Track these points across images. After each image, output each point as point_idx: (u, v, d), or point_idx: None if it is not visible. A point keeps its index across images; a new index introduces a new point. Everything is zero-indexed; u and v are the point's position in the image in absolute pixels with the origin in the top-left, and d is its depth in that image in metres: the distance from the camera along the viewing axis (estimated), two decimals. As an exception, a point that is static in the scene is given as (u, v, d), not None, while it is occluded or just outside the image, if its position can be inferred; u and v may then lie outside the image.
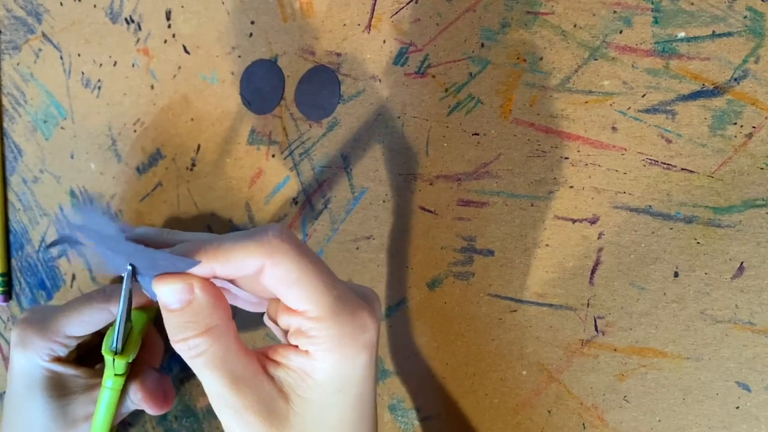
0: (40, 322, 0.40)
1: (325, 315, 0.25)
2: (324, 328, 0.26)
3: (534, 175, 0.36)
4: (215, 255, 0.25)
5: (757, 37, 0.31)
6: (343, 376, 0.26)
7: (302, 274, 0.25)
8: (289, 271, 0.25)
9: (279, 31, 0.42)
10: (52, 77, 0.52)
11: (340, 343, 0.26)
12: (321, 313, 0.25)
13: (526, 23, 0.35)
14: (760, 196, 0.31)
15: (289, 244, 0.25)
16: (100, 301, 0.40)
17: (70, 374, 0.40)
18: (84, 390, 0.40)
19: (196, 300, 0.26)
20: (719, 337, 0.32)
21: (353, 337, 0.26)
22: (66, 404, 0.39)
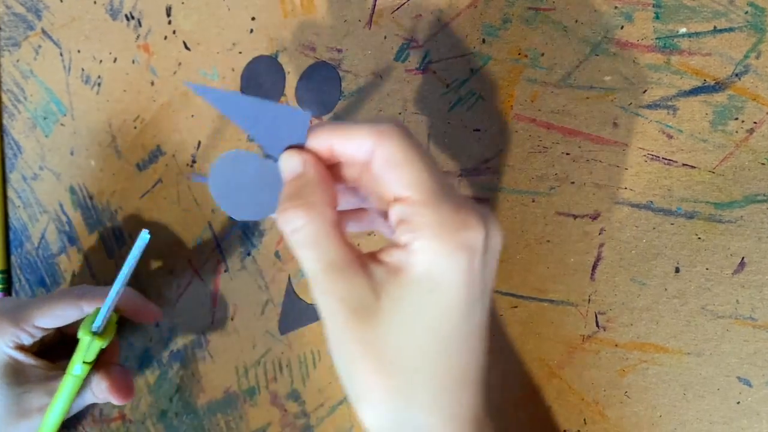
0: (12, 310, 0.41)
1: (427, 200, 0.25)
2: (424, 213, 0.25)
3: (535, 170, 0.36)
4: (333, 129, 0.27)
5: (758, 33, 0.31)
6: (436, 275, 0.25)
7: (407, 156, 0.25)
8: (395, 153, 0.25)
9: (280, 27, 0.42)
10: (51, 74, 0.52)
11: (438, 231, 0.24)
12: (423, 197, 0.25)
13: (527, 19, 0.35)
14: (761, 191, 0.31)
15: (399, 129, 0.26)
16: (72, 297, 0.41)
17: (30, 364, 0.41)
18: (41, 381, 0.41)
19: (305, 174, 0.27)
20: (720, 332, 0.32)
21: (453, 230, 0.24)
22: (22, 393, 0.40)
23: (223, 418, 0.48)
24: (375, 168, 0.26)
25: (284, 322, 0.45)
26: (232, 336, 0.47)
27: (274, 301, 0.44)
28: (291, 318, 0.44)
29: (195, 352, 0.48)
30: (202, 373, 0.48)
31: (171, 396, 0.50)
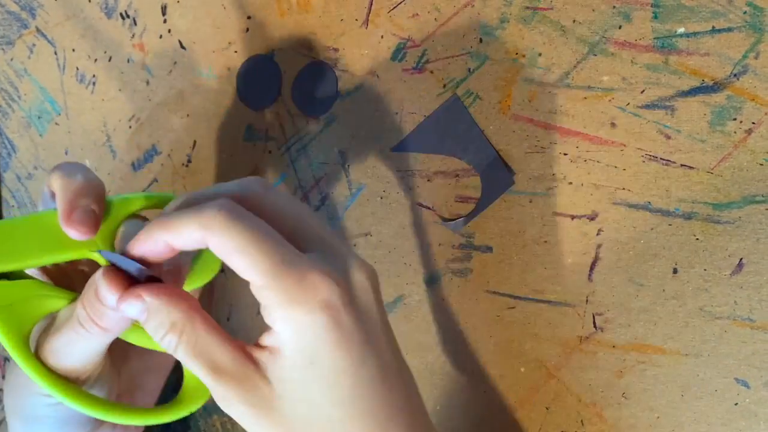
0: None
1: (269, 281, 0.25)
2: (270, 295, 0.25)
3: (532, 171, 0.36)
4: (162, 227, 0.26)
5: (756, 33, 0.31)
6: (308, 346, 0.25)
7: (236, 244, 0.25)
8: (223, 244, 0.25)
9: (276, 27, 0.42)
10: (46, 73, 0.52)
11: (289, 306, 0.25)
12: (264, 280, 0.25)
13: (524, 18, 0.35)
14: (759, 192, 0.31)
15: (224, 215, 0.25)
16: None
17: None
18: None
19: (150, 305, 0.27)
20: (718, 333, 0.32)
21: (302, 300, 0.25)
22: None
23: (218, 420, 0.47)
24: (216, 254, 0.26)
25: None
26: (228, 337, 0.47)
27: (271, 301, 0.44)
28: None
29: (191, 352, 0.48)
30: (197, 374, 0.47)
31: (167, 397, 0.50)
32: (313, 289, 0.25)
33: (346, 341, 0.25)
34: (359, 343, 0.26)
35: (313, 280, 0.25)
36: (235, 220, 0.25)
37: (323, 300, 0.25)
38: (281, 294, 0.25)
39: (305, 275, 0.25)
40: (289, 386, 0.26)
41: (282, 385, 0.26)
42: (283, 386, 0.26)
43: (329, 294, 0.25)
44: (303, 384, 0.25)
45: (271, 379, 0.26)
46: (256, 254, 0.25)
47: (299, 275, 0.25)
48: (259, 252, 0.25)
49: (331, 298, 0.25)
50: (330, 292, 0.25)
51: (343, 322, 0.25)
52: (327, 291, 0.25)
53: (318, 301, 0.25)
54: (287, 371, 0.25)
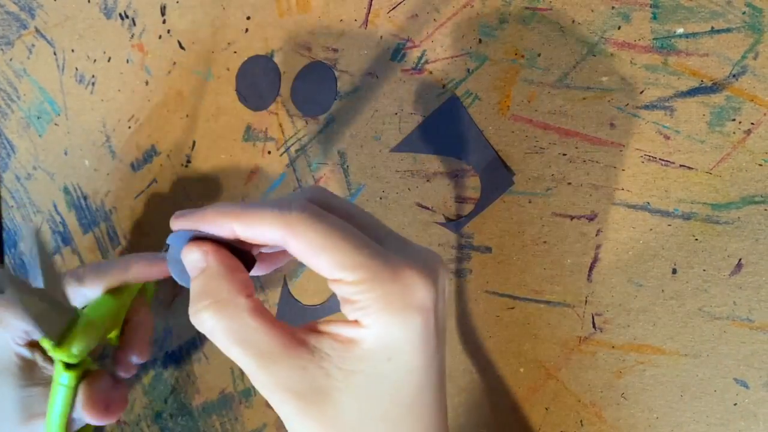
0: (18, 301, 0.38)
1: (363, 277, 0.24)
2: (365, 291, 0.24)
3: (532, 171, 0.36)
4: (235, 215, 0.25)
5: (755, 33, 0.31)
6: (392, 343, 0.24)
7: (326, 242, 0.24)
8: (311, 241, 0.24)
9: (275, 27, 0.42)
10: (45, 73, 0.52)
11: (386, 304, 0.24)
12: (358, 277, 0.24)
13: (524, 19, 0.35)
14: (758, 192, 0.31)
15: (309, 214, 0.25)
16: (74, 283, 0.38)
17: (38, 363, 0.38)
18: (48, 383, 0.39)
19: (209, 268, 0.26)
20: (717, 333, 0.32)
21: (400, 297, 0.24)
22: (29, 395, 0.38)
23: (218, 420, 0.47)
24: (294, 253, 0.25)
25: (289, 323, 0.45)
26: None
27: (270, 301, 0.44)
28: (287, 319, 0.44)
29: (190, 353, 0.48)
30: (197, 375, 0.47)
31: (166, 397, 0.50)
32: (410, 289, 0.24)
33: (427, 343, 0.25)
34: (435, 345, 0.25)
35: (410, 278, 0.24)
36: (320, 219, 0.25)
37: (420, 301, 0.24)
38: (377, 291, 0.24)
39: (399, 271, 0.24)
40: (354, 379, 0.24)
41: (346, 377, 0.24)
42: (347, 378, 0.24)
43: (424, 295, 0.24)
44: (371, 378, 0.24)
45: (332, 370, 0.24)
46: (347, 250, 0.24)
47: (394, 270, 0.24)
48: (350, 247, 0.24)
49: (426, 300, 0.25)
50: (425, 293, 0.24)
51: (431, 324, 0.25)
52: (423, 292, 0.24)
53: (414, 301, 0.24)
54: (359, 363, 0.24)
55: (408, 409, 0.25)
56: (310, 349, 0.25)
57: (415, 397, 0.25)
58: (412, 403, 0.25)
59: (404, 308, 0.24)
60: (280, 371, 0.24)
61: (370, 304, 0.24)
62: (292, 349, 0.25)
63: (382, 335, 0.24)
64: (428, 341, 0.25)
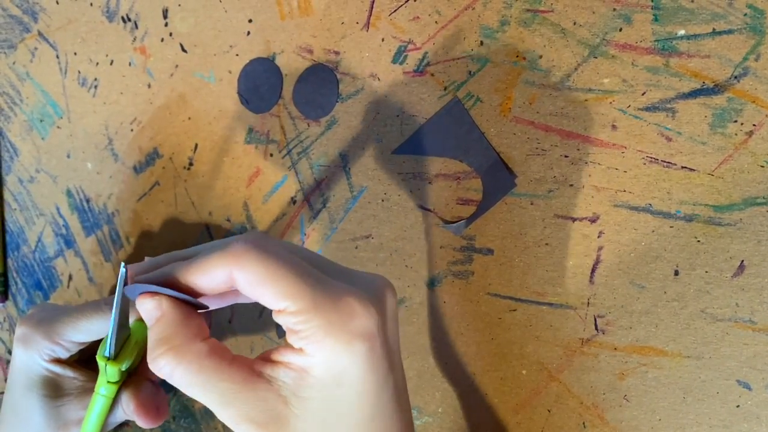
0: (46, 322, 0.40)
1: (305, 307, 0.25)
2: (307, 320, 0.25)
3: (533, 173, 0.36)
4: (189, 274, 0.27)
5: (757, 35, 0.31)
6: (340, 370, 0.25)
7: (270, 272, 0.25)
8: (255, 273, 0.25)
9: (277, 30, 0.42)
10: (48, 76, 0.52)
11: (327, 332, 0.24)
12: (300, 306, 0.25)
13: (525, 21, 0.35)
14: (760, 194, 0.31)
15: (253, 246, 0.25)
16: (107, 310, 0.40)
17: (67, 376, 0.40)
18: (79, 393, 0.40)
19: (164, 316, 0.27)
20: (720, 335, 0.32)
21: (341, 324, 0.25)
22: (60, 405, 0.40)
23: (220, 423, 0.47)
24: (242, 290, 0.26)
25: (282, 325, 0.45)
26: (230, 339, 0.47)
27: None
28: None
29: (192, 355, 0.48)
30: (199, 377, 0.47)
31: (168, 400, 0.50)
32: (351, 316, 0.25)
33: (375, 366, 0.25)
34: (386, 367, 0.26)
35: (350, 306, 0.25)
36: (263, 251, 0.25)
37: (361, 327, 0.25)
38: (318, 318, 0.25)
39: (341, 300, 0.25)
40: (310, 405, 0.25)
41: (302, 404, 0.25)
42: (303, 405, 0.25)
43: (367, 321, 0.25)
44: (326, 403, 0.25)
45: (289, 397, 0.25)
46: (290, 280, 0.25)
47: (335, 299, 0.25)
48: (293, 278, 0.25)
49: (368, 326, 0.25)
50: (368, 320, 0.25)
51: (377, 348, 0.25)
52: (365, 318, 0.25)
53: (356, 327, 0.25)
54: (312, 390, 0.25)
55: (367, 428, 0.26)
56: (267, 380, 0.26)
57: (372, 417, 0.26)
58: (371, 423, 0.26)
59: (346, 335, 0.25)
60: (242, 405, 0.25)
61: (313, 333, 0.25)
62: (251, 382, 0.25)
63: (329, 363, 0.25)
64: (376, 365, 0.25)
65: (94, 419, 0.37)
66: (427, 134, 0.38)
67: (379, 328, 0.26)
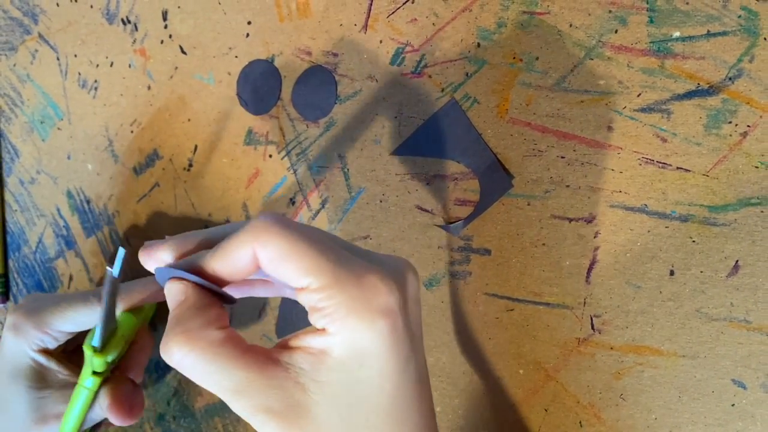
0: (36, 312, 0.40)
1: (328, 283, 0.24)
2: (329, 296, 0.24)
3: (530, 174, 0.36)
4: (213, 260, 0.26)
5: (751, 37, 0.31)
6: (361, 349, 0.24)
7: (292, 247, 0.24)
8: (278, 248, 0.25)
9: (275, 32, 0.42)
10: (48, 78, 0.52)
11: (350, 309, 0.24)
12: (322, 282, 0.24)
13: (522, 23, 0.35)
14: (755, 194, 0.31)
15: (274, 222, 0.25)
16: (95, 302, 0.40)
17: (52, 368, 0.40)
18: (61, 387, 0.41)
19: (186, 301, 0.26)
20: (715, 335, 0.33)
21: (364, 301, 0.24)
22: (42, 397, 0.40)
23: (220, 422, 0.48)
24: (265, 268, 0.25)
25: (281, 325, 0.45)
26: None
27: (271, 304, 0.45)
28: (288, 321, 0.44)
29: (192, 355, 0.48)
30: (199, 377, 0.48)
31: (168, 399, 0.50)
32: (374, 293, 0.24)
33: (397, 346, 0.25)
34: (407, 348, 0.25)
35: (373, 282, 0.25)
36: (285, 226, 0.25)
37: (384, 304, 0.24)
38: (341, 296, 0.24)
39: (363, 277, 0.25)
40: (330, 389, 0.25)
41: (322, 389, 0.25)
42: (322, 389, 0.25)
43: (389, 298, 0.25)
44: (347, 386, 0.25)
45: (307, 384, 0.25)
46: (313, 255, 0.24)
47: (358, 276, 0.24)
48: (315, 253, 0.24)
49: (390, 303, 0.25)
50: (390, 297, 0.25)
51: (399, 328, 0.25)
52: (387, 295, 0.25)
53: (379, 305, 0.24)
54: (332, 373, 0.25)
55: (388, 413, 0.25)
56: (284, 367, 0.25)
57: (394, 401, 0.25)
58: (392, 408, 0.25)
59: (368, 312, 0.24)
60: (257, 394, 0.24)
61: (335, 310, 0.24)
62: (267, 370, 0.25)
63: (350, 342, 0.24)
64: (398, 344, 0.25)
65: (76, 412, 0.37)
66: (425, 135, 0.38)
67: (401, 308, 0.25)
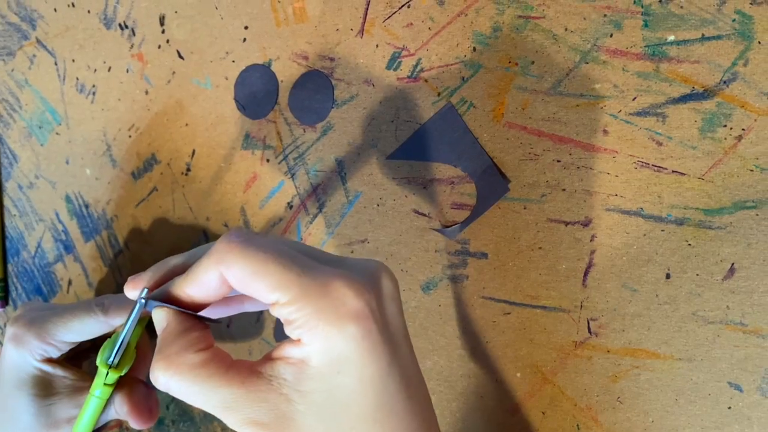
0: (38, 322, 0.40)
1: (295, 296, 0.24)
2: (298, 308, 0.24)
3: (526, 178, 0.36)
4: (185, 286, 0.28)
5: (745, 40, 0.31)
6: (337, 356, 0.24)
7: (257, 266, 0.25)
8: (243, 269, 0.25)
9: (272, 36, 0.42)
10: (46, 83, 0.52)
11: (319, 318, 0.24)
12: (290, 296, 0.25)
13: (517, 27, 0.35)
14: (750, 197, 0.31)
15: (236, 243, 0.25)
16: (99, 313, 0.40)
17: (58, 375, 0.41)
18: (69, 392, 0.41)
19: (166, 328, 0.28)
20: (711, 338, 0.33)
21: (332, 308, 0.24)
22: (50, 404, 0.40)
23: (219, 426, 0.48)
24: (236, 287, 0.26)
25: (280, 329, 0.45)
26: (228, 343, 0.47)
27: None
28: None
29: (191, 359, 0.48)
30: (198, 381, 0.48)
31: (168, 404, 0.50)
32: (341, 298, 0.25)
33: (375, 350, 0.25)
34: (386, 352, 0.25)
35: (339, 289, 0.25)
36: (249, 245, 0.25)
37: (352, 309, 0.24)
38: (309, 305, 0.24)
39: (329, 283, 0.25)
40: (312, 398, 0.25)
41: (304, 398, 0.25)
42: (305, 399, 0.25)
43: (356, 303, 0.25)
44: (328, 395, 0.25)
45: (291, 394, 0.25)
46: (276, 270, 0.25)
47: (322, 284, 0.25)
48: (279, 267, 0.25)
49: (358, 307, 0.25)
50: (357, 301, 0.25)
51: (373, 331, 0.25)
52: (354, 299, 0.25)
53: (347, 310, 0.24)
54: (313, 382, 0.25)
55: (374, 420, 0.25)
56: (268, 379, 0.25)
57: (379, 407, 0.25)
58: (378, 414, 0.25)
59: (337, 319, 0.24)
60: (244, 408, 0.25)
61: (306, 321, 0.25)
62: (251, 384, 0.25)
63: (325, 349, 0.24)
64: (376, 349, 0.25)
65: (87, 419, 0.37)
66: (422, 139, 0.38)
67: (374, 311, 0.25)
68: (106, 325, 0.40)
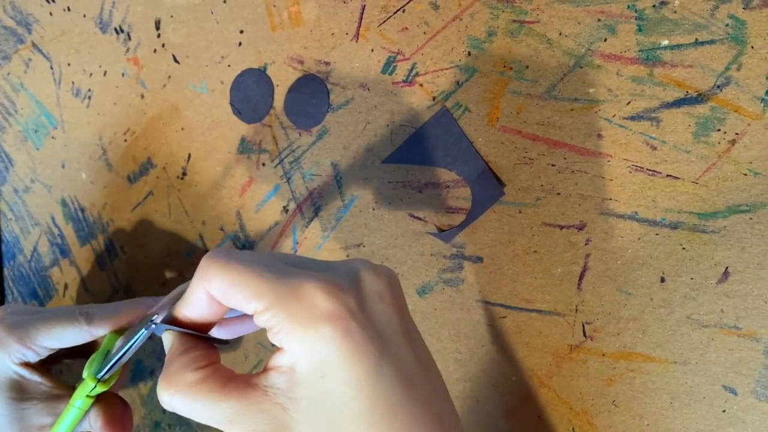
0: (20, 326, 0.40)
1: (270, 302, 0.25)
2: (274, 315, 0.25)
3: (521, 182, 0.36)
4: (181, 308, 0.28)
5: (739, 45, 0.31)
6: (318, 359, 0.24)
7: (234, 277, 0.25)
8: (222, 282, 0.26)
9: (268, 41, 0.43)
10: (42, 87, 0.52)
11: (293, 322, 0.24)
12: (266, 303, 0.25)
13: (512, 32, 0.36)
14: (743, 201, 0.32)
15: (215, 259, 0.26)
16: (83, 322, 0.40)
17: (34, 381, 0.40)
18: (44, 399, 0.40)
19: (170, 349, 0.28)
20: (705, 341, 0.33)
21: (305, 312, 0.24)
22: (25, 409, 0.40)
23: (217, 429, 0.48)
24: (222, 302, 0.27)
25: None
26: (224, 347, 0.47)
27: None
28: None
29: (187, 363, 0.48)
30: (194, 385, 0.48)
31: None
32: (311, 300, 0.25)
33: (357, 351, 0.24)
34: (372, 352, 0.25)
35: (308, 290, 0.25)
36: (227, 259, 0.26)
37: (324, 310, 0.24)
38: (283, 313, 0.25)
39: (300, 288, 0.25)
40: (303, 404, 0.25)
41: (297, 405, 0.25)
42: (297, 406, 0.25)
43: (328, 303, 0.24)
44: (318, 400, 0.25)
45: (285, 403, 0.25)
46: (252, 280, 0.25)
47: (294, 289, 0.25)
48: (255, 277, 0.25)
49: (331, 307, 0.24)
50: (329, 302, 0.24)
51: (353, 330, 0.24)
52: (326, 300, 0.24)
53: (319, 311, 0.24)
54: (301, 388, 0.25)
55: (369, 423, 0.25)
56: (263, 390, 0.25)
57: (374, 409, 0.25)
58: (373, 416, 0.25)
59: (309, 320, 0.24)
60: (244, 421, 0.25)
61: (282, 326, 0.25)
62: (248, 397, 0.25)
63: (306, 353, 0.25)
64: (359, 349, 0.24)
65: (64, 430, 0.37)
66: (417, 144, 0.39)
67: (353, 311, 0.25)
68: (88, 335, 0.40)
